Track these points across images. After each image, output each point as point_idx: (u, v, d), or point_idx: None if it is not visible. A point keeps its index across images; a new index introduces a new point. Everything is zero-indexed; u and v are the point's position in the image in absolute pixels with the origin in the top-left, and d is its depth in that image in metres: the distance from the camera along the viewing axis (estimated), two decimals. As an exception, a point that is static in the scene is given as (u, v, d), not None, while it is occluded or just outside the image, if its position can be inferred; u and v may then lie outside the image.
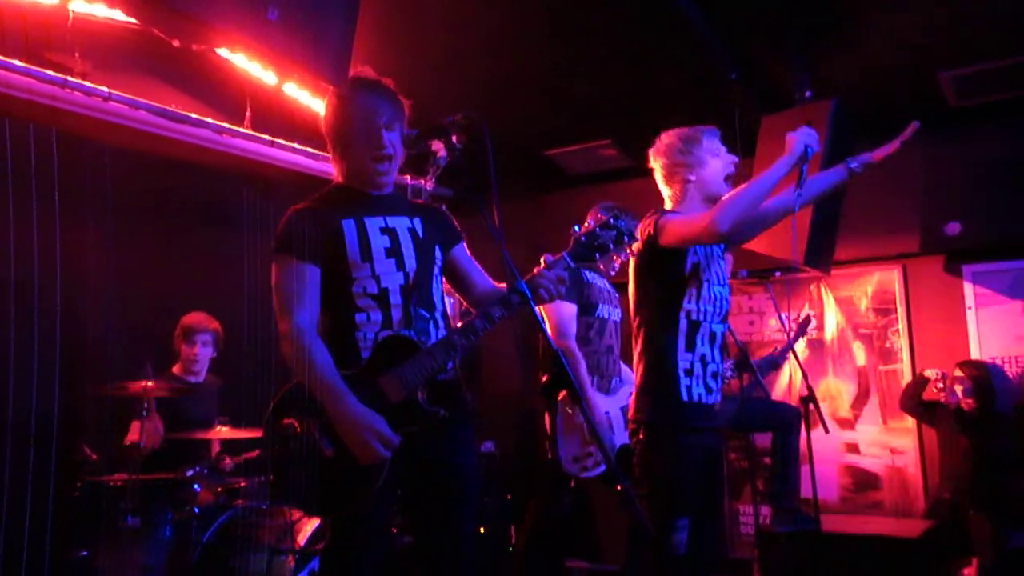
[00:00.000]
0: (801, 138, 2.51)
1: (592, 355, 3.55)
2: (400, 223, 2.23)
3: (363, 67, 2.28)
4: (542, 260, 2.18)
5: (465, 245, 2.40)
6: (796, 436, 4.20)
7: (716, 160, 2.70)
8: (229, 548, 3.38)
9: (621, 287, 3.79)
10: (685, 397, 2.49)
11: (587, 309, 3.58)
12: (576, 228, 2.15)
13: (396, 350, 2.08)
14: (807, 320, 4.62)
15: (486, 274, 2.42)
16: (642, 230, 2.60)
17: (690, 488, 2.48)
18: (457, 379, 2.24)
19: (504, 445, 5.33)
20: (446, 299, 2.34)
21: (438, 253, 2.29)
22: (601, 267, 3.69)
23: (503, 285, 2.28)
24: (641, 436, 2.54)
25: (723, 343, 2.67)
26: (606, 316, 3.65)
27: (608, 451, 2.98)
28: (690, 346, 2.53)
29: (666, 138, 2.76)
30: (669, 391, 2.50)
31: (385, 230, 2.19)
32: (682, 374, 2.51)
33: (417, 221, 2.27)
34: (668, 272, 2.56)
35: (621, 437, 3.49)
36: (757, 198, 2.45)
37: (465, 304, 2.45)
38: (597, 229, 2.13)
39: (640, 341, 2.64)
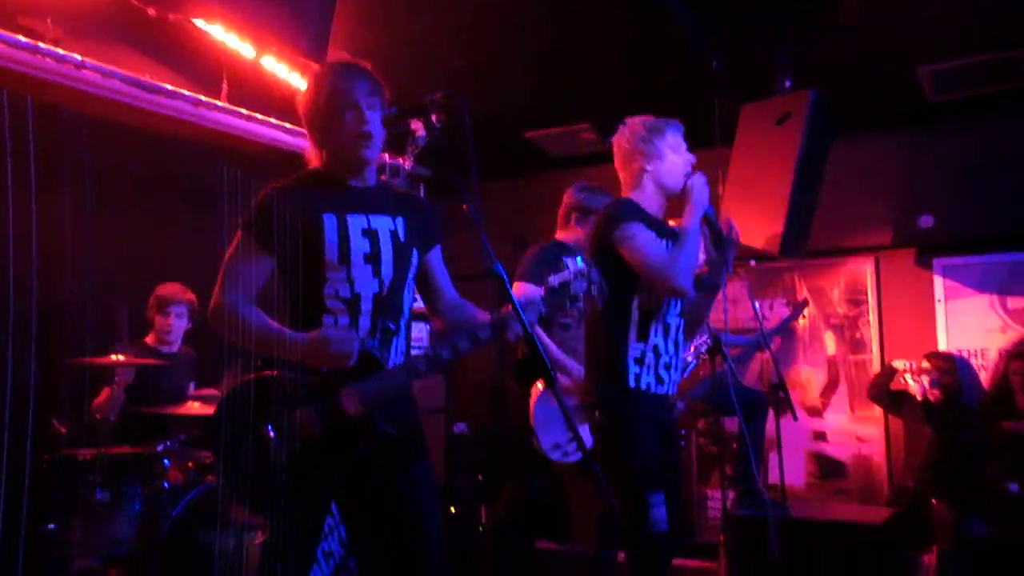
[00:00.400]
0: (699, 185, 2.65)
1: (571, 340, 3.56)
2: (382, 224, 2.14)
3: (340, 52, 2.22)
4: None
5: (440, 249, 2.34)
6: (762, 422, 4.26)
7: (676, 156, 2.73)
8: (198, 523, 3.37)
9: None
10: (633, 384, 2.53)
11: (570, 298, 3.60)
12: (552, 279, 2.14)
13: (359, 364, 2.03)
14: (803, 303, 4.66)
15: (452, 284, 2.37)
16: (600, 219, 2.62)
17: (655, 466, 2.51)
18: (412, 396, 2.21)
19: (475, 426, 5.34)
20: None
21: (415, 258, 2.22)
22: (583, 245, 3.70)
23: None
24: (599, 422, 2.57)
25: (683, 336, 2.70)
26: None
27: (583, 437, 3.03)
28: (642, 336, 2.56)
29: (631, 123, 2.79)
30: (618, 379, 2.53)
31: (367, 232, 2.11)
32: (631, 363, 2.54)
33: (400, 221, 2.18)
34: (621, 261, 2.55)
35: None
36: (695, 254, 2.56)
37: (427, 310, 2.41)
38: (571, 279, 2.10)
39: (591, 327, 2.65)
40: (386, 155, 4.84)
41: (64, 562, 3.26)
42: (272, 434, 1.98)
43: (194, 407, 3.74)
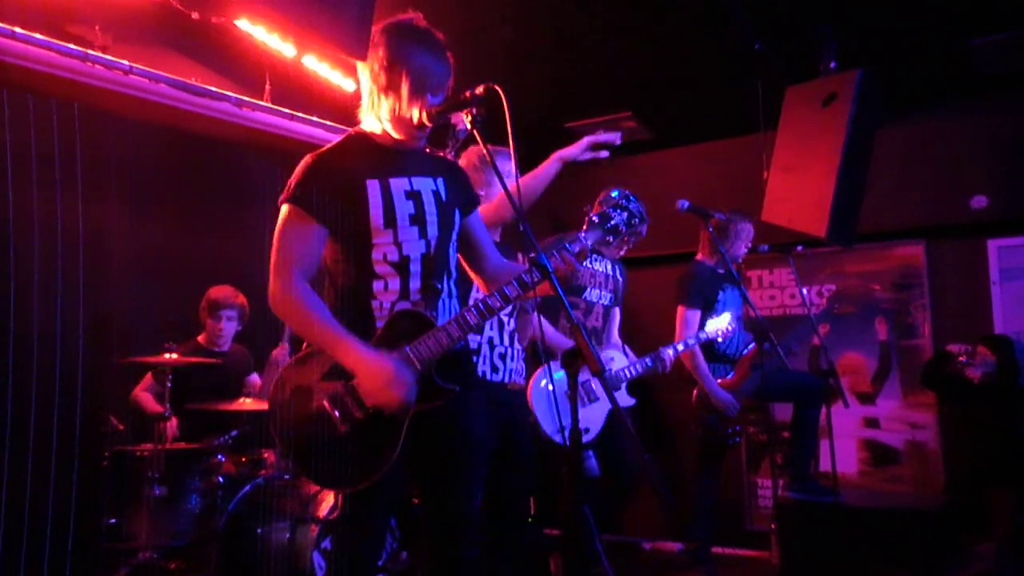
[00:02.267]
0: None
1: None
2: (424, 185, 2.15)
3: (415, 12, 2.14)
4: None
5: (480, 211, 2.34)
6: (817, 408, 4.20)
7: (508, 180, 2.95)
8: (254, 517, 3.44)
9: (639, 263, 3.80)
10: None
11: (573, 291, 3.65)
12: (589, 208, 2.14)
13: (409, 324, 2.04)
14: (832, 302, 4.58)
15: (495, 247, 2.37)
16: None
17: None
18: (466, 349, 2.22)
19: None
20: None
21: (457, 217, 2.22)
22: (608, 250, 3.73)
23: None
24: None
25: (516, 330, 2.99)
26: (594, 300, 3.74)
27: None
28: (478, 329, 2.72)
29: (471, 152, 3.04)
30: None
31: (410, 194, 2.10)
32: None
33: (440, 182, 2.19)
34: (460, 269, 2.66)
35: (607, 404, 3.58)
36: (535, 190, 2.81)
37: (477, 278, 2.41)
38: (609, 210, 2.12)
39: None
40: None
41: (125, 555, 3.35)
42: (330, 407, 1.99)
43: (246, 403, 3.82)
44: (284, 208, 2.08)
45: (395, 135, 2.13)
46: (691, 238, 4.40)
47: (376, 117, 2.14)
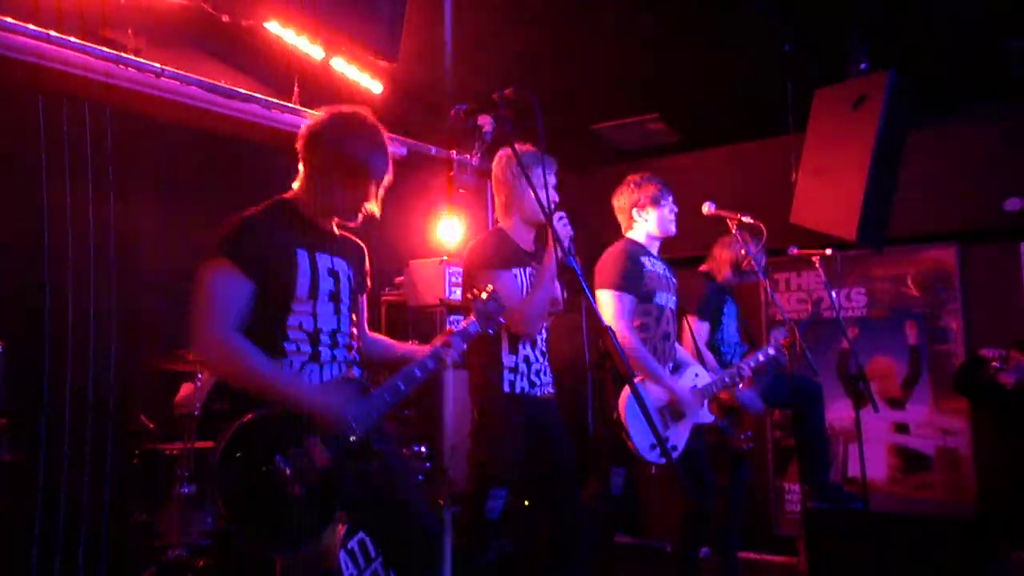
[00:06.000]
0: (560, 227, 2.85)
1: (649, 341, 3.50)
2: (342, 267, 2.27)
3: (364, 108, 2.28)
4: (449, 329, 2.43)
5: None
6: (818, 411, 4.13)
7: (540, 190, 2.97)
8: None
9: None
10: (507, 389, 2.92)
11: (645, 297, 3.52)
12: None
13: (345, 390, 2.16)
14: (818, 303, 4.52)
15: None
16: (471, 253, 3.00)
17: (510, 464, 2.91)
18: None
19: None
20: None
21: (360, 301, 2.42)
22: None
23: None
24: (476, 418, 2.97)
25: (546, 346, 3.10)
26: (663, 303, 3.58)
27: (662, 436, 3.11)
28: (513, 350, 2.94)
29: (502, 156, 3.06)
30: (495, 384, 2.93)
31: (332, 272, 2.22)
32: (507, 372, 2.93)
33: (352, 265, 2.33)
34: None
35: (695, 417, 3.51)
36: (545, 302, 2.91)
37: None
38: (484, 300, 2.45)
39: (472, 345, 2.82)
40: (453, 151, 4.87)
41: (154, 552, 3.38)
42: (285, 467, 2.00)
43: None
44: (217, 262, 2.09)
45: (326, 216, 2.27)
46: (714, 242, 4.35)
47: (314, 196, 2.23)
